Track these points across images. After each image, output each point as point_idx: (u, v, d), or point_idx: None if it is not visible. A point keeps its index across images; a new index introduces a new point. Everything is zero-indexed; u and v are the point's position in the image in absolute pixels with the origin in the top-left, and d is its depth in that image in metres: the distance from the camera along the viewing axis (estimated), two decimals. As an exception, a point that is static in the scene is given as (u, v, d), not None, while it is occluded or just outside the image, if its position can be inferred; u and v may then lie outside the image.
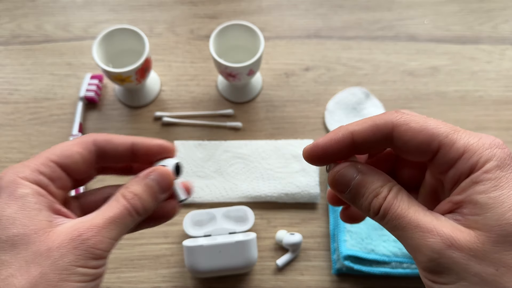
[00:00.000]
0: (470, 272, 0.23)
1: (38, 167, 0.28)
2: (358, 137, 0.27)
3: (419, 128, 0.25)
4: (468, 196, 0.24)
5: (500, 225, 0.22)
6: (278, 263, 0.57)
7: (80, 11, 0.76)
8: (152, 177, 0.30)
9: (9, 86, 0.70)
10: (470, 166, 0.24)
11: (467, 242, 0.23)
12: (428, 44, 0.71)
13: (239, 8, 0.75)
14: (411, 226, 0.24)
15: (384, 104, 0.67)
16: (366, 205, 0.27)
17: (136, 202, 0.29)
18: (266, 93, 0.68)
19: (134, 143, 0.31)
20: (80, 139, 0.30)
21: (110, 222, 0.27)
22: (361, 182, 0.27)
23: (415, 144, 0.25)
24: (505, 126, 0.65)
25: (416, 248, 0.24)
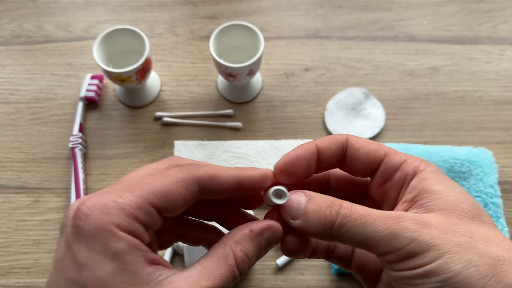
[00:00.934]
0: (450, 243, 0.23)
1: (135, 211, 0.23)
2: (321, 146, 0.29)
3: (368, 141, 0.30)
4: (422, 189, 0.26)
5: (458, 203, 0.25)
6: (278, 263, 0.57)
7: (80, 11, 0.76)
8: (266, 235, 0.27)
9: (9, 86, 0.70)
10: (413, 168, 0.28)
11: (437, 220, 0.24)
12: (427, 44, 0.71)
13: (239, 8, 0.75)
14: (380, 218, 0.24)
15: (384, 104, 0.67)
16: (320, 218, 0.26)
17: (245, 267, 0.26)
18: (266, 93, 0.69)
19: (239, 180, 0.27)
20: (182, 175, 0.25)
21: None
22: (310, 201, 0.27)
23: (365, 151, 0.29)
24: (505, 126, 0.65)
25: (392, 236, 0.24)
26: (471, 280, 0.22)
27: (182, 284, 0.23)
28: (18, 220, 0.61)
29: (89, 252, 0.22)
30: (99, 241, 0.22)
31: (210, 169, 0.26)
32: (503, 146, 0.64)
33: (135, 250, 0.23)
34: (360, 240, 0.25)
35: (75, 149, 0.63)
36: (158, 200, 0.24)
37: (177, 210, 0.25)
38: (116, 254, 0.22)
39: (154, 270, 0.23)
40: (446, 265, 0.23)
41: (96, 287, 0.22)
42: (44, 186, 0.63)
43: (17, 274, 0.58)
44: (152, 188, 0.24)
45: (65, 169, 0.64)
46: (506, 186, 0.61)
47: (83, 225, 0.22)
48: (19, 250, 0.59)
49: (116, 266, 0.22)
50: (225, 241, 0.26)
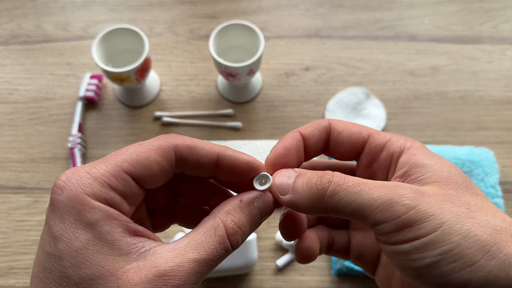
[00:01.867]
0: (449, 213, 0.22)
1: (109, 180, 0.23)
2: (305, 133, 0.29)
3: (351, 123, 0.29)
4: (412, 164, 0.26)
5: (451, 175, 0.25)
6: (278, 264, 0.57)
7: (79, 11, 0.75)
8: (257, 205, 0.26)
9: (8, 86, 0.70)
10: (399, 146, 0.27)
11: (433, 191, 0.24)
12: (428, 44, 0.71)
13: (239, 8, 0.75)
14: (376, 186, 0.23)
15: (385, 103, 0.66)
16: (311, 188, 0.25)
17: (237, 238, 0.24)
18: (266, 93, 0.68)
19: (220, 156, 0.26)
20: (158, 143, 0.24)
21: (202, 264, 0.23)
22: (301, 175, 0.26)
23: (348, 133, 0.29)
24: (505, 126, 0.65)
25: (389, 204, 0.23)
26: (471, 250, 0.22)
27: (166, 256, 0.22)
28: (17, 220, 0.61)
29: (63, 224, 0.21)
30: (73, 212, 0.21)
31: (189, 139, 0.25)
32: (504, 146, 0.64)
33: (111, 219, 0.22)
34: (353, 209, 0.23)
35: (74, 149, 0.63)
36: (133, 168, 0.23)
37: (155, 180, 0.24)
38: (90, 224, 0.21)
39: (135, 241, 0.22)
40: (445, 236, 0.22)
41: (71, 258, 0.21)
42: (43, 186, 0.63)
43: (16, 274, 0.58)
44: (126, 157, 0.23)
45: (64, 169, 0.64)
46: (507, 186, 0.61)
47: (58, 197, 0.22)
48: (18, 251, 0.59)
49: (91, 236, 0.21)
50: (214, 213, 0.25)
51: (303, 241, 0.30)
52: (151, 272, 0.21)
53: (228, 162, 0.26)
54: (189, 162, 0.25)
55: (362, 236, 0.31)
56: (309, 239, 0.30)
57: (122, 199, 0.23)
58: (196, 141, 0.26)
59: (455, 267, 0.22)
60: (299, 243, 0.30)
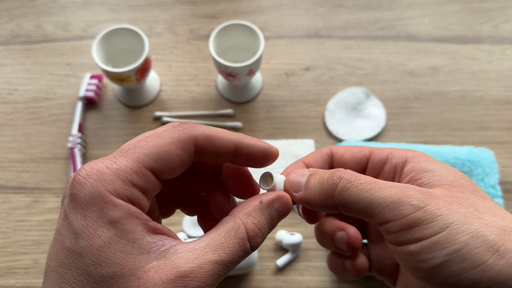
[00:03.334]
0: (456, 214, 0.23)
1: (130, 176, 0.22)
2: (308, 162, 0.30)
3: (350, 145, 0.31)
4: (418, 169, 0.27)
5: (458, 179, 0.25)
6: (278, 264, 0.57)
7: (79, 10, 0.75)
8: (276, 206, 0.26)
9: (8, 86, 0.70)
10: (401, 157, 0.28)
11: (441, 193, 0.24)
12: (428, 44, 0.71)
13: (239, 7, 0.75)
14: (386, 186, 0.24)
15: (385, 104, 0.66)
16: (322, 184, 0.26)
17: (257, 240, 0.24)
18: (266, 93, 0.68)
19: (238, 145, 0.26)
20: (177, 135, 0.24)
21: (222, 266, 0.23)
22: (314, 173, 0.27)
23: (350, 154, 0.30)
24: (506, 126, 0.65)
25: (398, 203, 0.23)
26: (480, 250, 0.22)
27: (187, 256, 0.22)
28: (17, 221, 0.61)
29: (85, 220, 0.21)
30: (95, 209, 0.21)
31: (207, 129, 0.25)
32: (504, 146, 0.64)
33: (132, 217, 0.22)
34: (363, 206, 0.24)
35: (74, 149, 0.63)
36: (154, 163, 0.23)
37: (175, 172, 0.24)
38: (112, 221, 0.21)
39: (155, 239, 0.22)
40: (453, 236, 0.22)
41: (92, 256, 0.21)
42: (43, 186, 0.63)
43: (16, 274, 0.58)
44: (147, 151, 0.23)
45: (64, 169, 0.64)
46: (507, 186, 0.61)
47: (78, 193, 0.22)
48: (18, 251, 0.59)
49: (113, 234, 0.21)
50: (234, 214, 0.25)
51: (357, 257, 0.31)
52: (172, 273, 0.21)
53: (246, 151, 0.26)
54: (208, 152, 0.25)
55: (380, 248, 0.32)
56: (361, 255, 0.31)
57: (143, 196, 0.23)
58: (214, 130, 0.26)
59: (464, 266, 0.22)
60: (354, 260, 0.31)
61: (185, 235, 0.57)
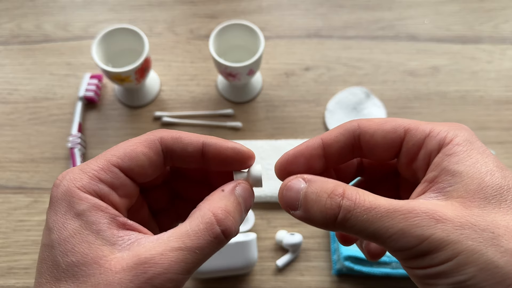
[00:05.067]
0: (468, 241, 0.21)
1: (97, 173, 0.24)
2: (327, 140, 0.27)
3: (383, 120, 0.27)
4: (443, 169, 0.23)
5: (482, 188, 0.22)
6: (278, 264, 0.57)
7: (79, 10, 0.75)
8: (238, 192, 0.26)
9: (8, 86, 0.70)
10: (438, 142, 0.25)
11: (454, 212, 0.22)
12: (428, 44, 0.71)
13: (239, 7, 0.75)
14: (388, 213, 0.22)
15: (385, 103, 0.66)
16: (321, 211, 0.24)
17: (228, 224, 0.24)
18: (266, 93, 0.68)
19: (205, 144, 0.27)
20: (145, 137, 0.26)
21: (187, 253, 0.22)
22: (309, 189, 0.25)
23: (382, 134, 0.26)
24: (506, 126, 0.65)
25: (401, 234, 0.21)
26: (489, 283, 0.20)
27: (149, 245, 0.22)
28: (17, 221, 0.61)
29: (56, 215, 0.23)
30: (64, 204, 0.23)
31: (175, 132, 0.27)
32: (504, 146, 0.64)
33: (98, 210, 0.23)
34: (368, 235, 0.23)
35: (74, 149, 0.63)
36: (121, 160, 0.25)
37: (145, 171, 0.25)
38: (78, 214, 0.23)
39: (122, 234, 0.23)
40: (460, 266, 0.20)
41: (60, 246, 0.22)
42: (43, 186, 0.63)
43: (16, 274, 0.58)
44: (114, 151, 0.25)
45: (64, 169, 0.64)
46: (508, 186, 0.61)
47: (53, 193, 0.24)
48: (18, 251, 0.59)
49: (78, 225, 0.22)
50: (200, 206, 0.25)
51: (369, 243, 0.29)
52: (132, 261, 0.22)
53: (213, 149, 0.27)
54: (175, 152, 0.26)
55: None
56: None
57: (111, 190, 0.24)
58: (182, 132, 0.27)
59: None
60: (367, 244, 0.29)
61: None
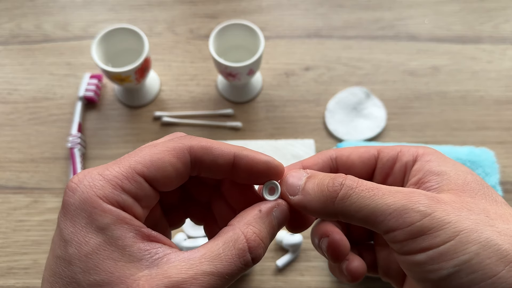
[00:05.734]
0: (466, 221, 0.21)
1: (121, 182, 0.22)
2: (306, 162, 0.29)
3: (356, 146, 0.29)
4: (427, 171, 0.25)
5: (468, 183, 0.24)
6: (278, 264, 0.57)
7: (79, 10, 0.75)
8: (276, 215, 0.25)
9: (8, 86, 0.70)
10: (412, 155, 0.27)
11: (450, 199, 0.23)
12: (428, 44, 0.71)
13: (239, 7, 0.75)
14: (390, 192, 0.23)
15: (385, 103, 0.66)
16: (322, 190, 0.24)
17: (259, 252, 0.23)
18: (266, 93, 0.68)
19: (237, 156, 0.25)
20: (173, 144, 0.24)
21: (218, 278, 0.21)
22: (312, 176, 0.26)
23: (357, 154, 0.28)
24: (506, 126, 0.65)
25: (403, 210, 0.22)
26: (491, 261, 0.20)
27: (180, 266, 0.21)
28: (17, 221, 0.61)
29: (74, 227, 0.21)
30: (84, 215, 0.21)
31: (205, 140, 0.25)
32: (504, 146, 0.64)
33: (122, 223, 0.21)
34: (366, 214, 0.23)
35: (73, 149, 0.63)
36: (146, 169, 0.22)
37: (170, 182, 0.24)
38: (101, 228, 0.21)
39: (148, 247, 0.21)
40: (462, 245, 0.21)
41: (80, 263, 0.20)
42: (43, 186, 0.63)
43: (16, 274, 0.58)
44: (139, 158, 0.23)
45: (64, 169, 0.63)
46: (508, 186, 0.61)
47: (69, 200, 0.21)
48: (18, 251, 0.59)
49: (101, 240, 0.21)
50: (233, 224, 0.24)
51: (352, 261, 0.28)
52: (163, 282, 0.20)
53: (245, 162, 0.25)
54: (205, 163, 0.24)
55: (387, 252, 0.30)
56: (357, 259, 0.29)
57: (135, 202, 0.22)
58: (212, 141, 0.25)
59: (474, 278, 0.20)
60: (348, 264, 0.29)
61: (185, 235, 0.57)
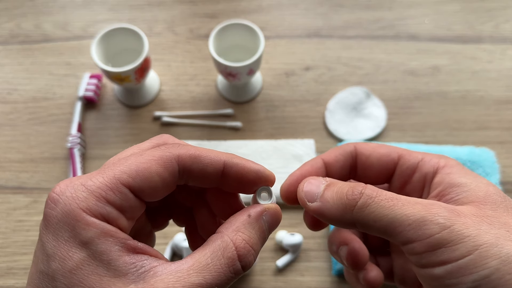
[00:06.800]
0: (486, 235, 0.21)
1: (105, 193, 0.21)
2: (328, 160, 0.28)
3: (378, 145, 0.28)
4: (448, 183, 0.25)
5: (489, 195, 0.23)
6: (278, 264, 0.57)
7: (79, 10, 0.75)
8: (266, 219, 0.24)
9: (8, 86, 0.70)
10: (433, 166, 0.26)
11: (470, 212, 0.22)
12: (429, 44, 0.71)
13: (239, 7, 0.75)
14: (409, 203, 0.22)
15: (385, 103, 0.66)
16: (341, 198, 0.24)
17: (249, 259, 0.22)
18: (266, 93, 0.68)
19: (227, 165, 0.24)
20: (160, 153, 0.23)
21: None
22: (331, 184, 0.25)
23: (377, 156, 0.28)
24: (506, 126, 0.65)
25: (422, 222, 0.21)
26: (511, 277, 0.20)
27: (168, 279, 0.20)
28: (16, 221, 0.61)
29: (57, 241, 0.20)
30: (67, 228, 0.20)
31: (194, 149, 0.24)
32: (505, 146, 0.63)
33: (107, 237, 0.20)
34: (384, 224, 0.22)
35: (73, 149, 0.62)
36: (132, 180, 0.21)
37: (156, 193, 0.23)
38: (85, 242, 0.20)
39: (134, 260, 0.21)
40: (482, 260, 0.20)
41: (64, 279, 0.20)
42: (43, 186, 0.62)
43: (15, 275, 0.58)
44: (125, 168, 0.22)
45: (63, 169, 0.63)
46: (508, 186, 0.61)
47: (51, 212, 0.21)
48: (18, 251, 0.59)
49: (86, 255, 0.20)
50: (222, 232, 0.23)
51: (370, 271, 0.29)
52: None
53: (235, 170, 0.24)
54: (193, 172, 0.23)
55: (403, 260, 0.30)
56: (375, 269, 0.29)
57: (119, 214, 0.21)
58: (200, 149, 0.24)
59: None
60: (366, 274, 0.29)
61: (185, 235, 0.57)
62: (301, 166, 0.28)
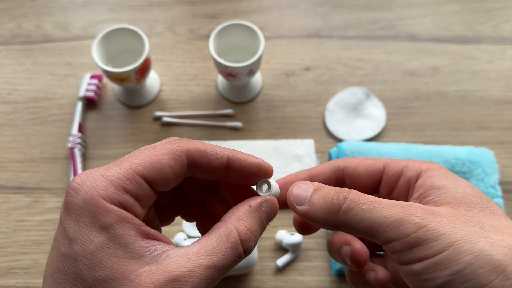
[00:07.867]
0: (460, 232, 0.22)
1: (123, 183, 0.23)
2: (314, 171, 0.31)
3: (364, 158, 0.31)
4: (428, 186, 0.27)
5: (466, 196, 0.25)
6: (278, 264, 0.57)
7: (79, 10, 0.75)
8: (264, 209, 0.27)
9: (8, 86, 0.70)
10: (416, 170, 0.28)
11: (446, 212, 0.24)
12: (428, 44, 0.71)
13: (239, 7, 0.75)
14: (389, 205, 0.24)
15: (385, 104, 0.66)
16: (327, 202, 0.26)
17: (251, 244, 0.25)
18: (266, 93, 0.68)
19: (230, 159, 0.27)
20: (171, 147, 0.25)
21: (214, 270, 0.23)
22: (318, 189, 0.27)
23: (363, 167, 0.30)
24: (506, 126, 0.65)
25: (400, 222, 0.23)
26: (484, 270, 0.21)
27: (179, 260, 0.22)
28: (17, 221, 0.61)
29: (79, 226, 0.22)
30: (88, 214, 0.22)
31: (201, 144, 0.26)
32: (504, 146, 0.64)
33: (125, 222, 0.22)
34: (366, 226, 0.24)
35: (74, 149, 0.63)
36: (147, 171, 0.24)
37: (168, 183, 0.25)
38: (104, 226, 0.22)
39: (148, 244, 0.23)
40: (456, 255, 0.22)
41: (86, 260, 0.21)
42: (43, 186, 0.63)
43: (16, 274, 0.58)
44: (140, 160, 0.24)
45: (64, 169, 0.64)
46: (507, 186, 0.61)
47: (73, 200, 0.22)
48: (18, 251, 0.59)
49: (105, 239, 0.22)
50: (226, 220, 0.25)
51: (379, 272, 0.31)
52: (164, 277, 0.22)
53: (238, 164, 0.27)
54: (200, 165, 0.26)
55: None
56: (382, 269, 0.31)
57: (135, 202, 0.24)
58: (207, 145, 0.26)
59: (468, 287, 0.21)
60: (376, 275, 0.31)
61: (185, 235, 0.57)
62: (287, 176, 0.30)
